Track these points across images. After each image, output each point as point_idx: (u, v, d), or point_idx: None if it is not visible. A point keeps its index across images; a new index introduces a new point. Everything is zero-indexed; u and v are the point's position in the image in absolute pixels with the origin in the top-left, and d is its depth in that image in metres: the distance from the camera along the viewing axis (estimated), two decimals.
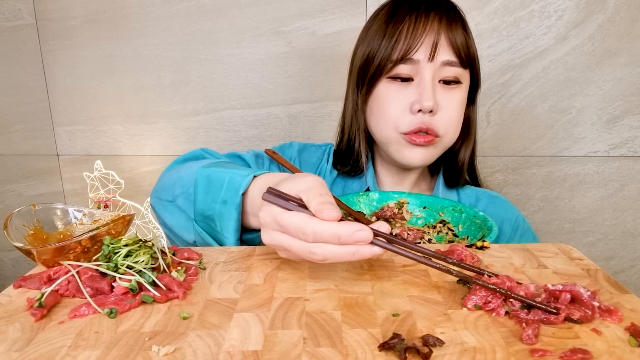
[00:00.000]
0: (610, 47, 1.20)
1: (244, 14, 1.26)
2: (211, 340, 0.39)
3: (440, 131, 0.79)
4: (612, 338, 0.39)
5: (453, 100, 0.79)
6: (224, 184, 0.61)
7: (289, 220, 0.46)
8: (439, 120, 0.78)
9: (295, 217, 0.46)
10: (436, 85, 0.77)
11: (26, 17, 1.31)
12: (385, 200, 0.83)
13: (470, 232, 0.74)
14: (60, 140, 1.40)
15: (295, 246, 0.47)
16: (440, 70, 0.77)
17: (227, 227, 0.61)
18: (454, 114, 0.79)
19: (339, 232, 0.44)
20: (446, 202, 0.80)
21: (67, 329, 0.41)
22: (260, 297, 0.46)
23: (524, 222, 0.87)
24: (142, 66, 1.32)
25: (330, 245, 0.44)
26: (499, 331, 0.40)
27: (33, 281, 0.49)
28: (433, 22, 0.75)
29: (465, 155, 0.87)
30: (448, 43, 0.76)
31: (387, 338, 0.38)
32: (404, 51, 0.75)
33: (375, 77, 0.79)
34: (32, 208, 0.59)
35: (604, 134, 1.26)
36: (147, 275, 0.47)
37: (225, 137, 1.35)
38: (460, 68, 0.77)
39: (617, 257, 1.36)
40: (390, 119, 0.79)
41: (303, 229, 0.45)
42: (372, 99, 0.82)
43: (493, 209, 0.87)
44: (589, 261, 0.55)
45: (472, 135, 0.87)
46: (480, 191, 0.91)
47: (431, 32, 0.75)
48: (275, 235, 0.49)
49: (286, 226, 0.47)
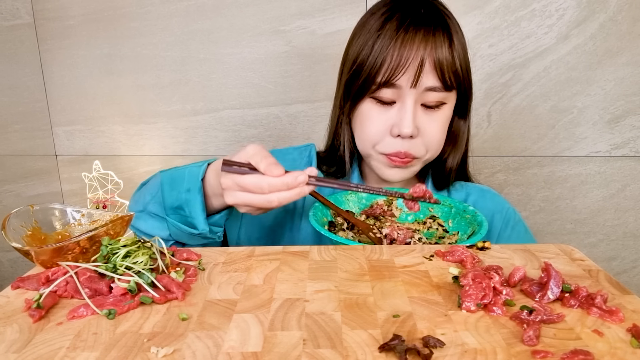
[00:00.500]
0: (612, 47, 1.20)
1: (243, 13, 1.26)
2: (210, 342, 0.39)
3: (419, 154, 0.79)
4: (613, 339, 0.39)
5: (435, 122, 0.78)
6: (185, 177, 0.72)
7: (248, 181, 0.62)
8: (418, 144, 0.78)
9: (253, 178, 0.62)
10: (418, 109, 0.77)
11: (24, 16, 1.31)
12: (374, 197, 0.83)
13: (460, 227, 0.74)
14: (59, 140, 1.40)
15: (255, 199, 0.62)
16: (423, 95, 0.76)
17: (195, 209, 0.70)
18: (435, 136, 0.79)
19: (287, 181, 0.61)
20: (436, 197, 0.80)
21: (65, 330, 0.41)
22: (259, 298, 0.46)
23: (515, 214, 0.87)
24: (141, 66, 1.32)
25: (282, 192, 0.61)
26: (500, 332, 0.40)
27: (31, 282, 0.49)
28: (420, 45, 0.73)
29: (453, 163, 0.86)
30: (432, 67, 0.73)
31: (388, 339, 0.38)
32: (387, 76, 0.74)
33: (360, 94, 0.79)
34: (30, 208, 0.59)
35: (605, 134, 1.26)
36: (146, 276, 0.47)
37: (224, 137, 1.35)
38: (444, 92, 0.76)
39: (619, 258, 1.36)
40: (370, 139, 0.80)
41: (260, 184, 0.61)
42: (356, 114, 0.82)
43: (483, 203, 0.87)
44: (591, 262, 0.55)
45: (461, 146, 0.86)
46: (470, 186, 0.90)
47: (416, 58, 0.73)
48: (238, 195, 0.63)
49: (246, 186, 0.62)
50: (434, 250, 0.58)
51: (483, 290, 0.45)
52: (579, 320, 0.42)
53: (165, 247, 0.54)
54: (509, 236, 0.83)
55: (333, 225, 0.77)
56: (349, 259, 0.55)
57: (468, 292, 0.45)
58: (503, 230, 0.84)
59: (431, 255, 0.56)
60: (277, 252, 0.57)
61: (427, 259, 0.55)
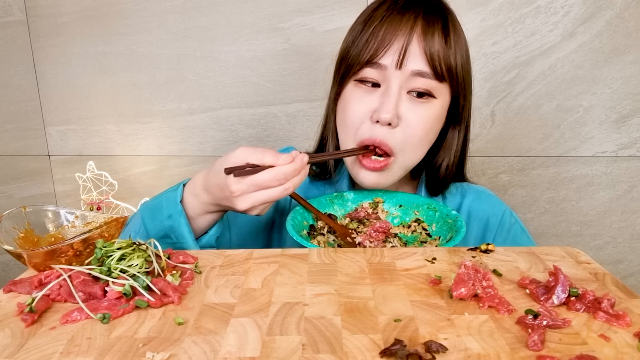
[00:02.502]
0: (619, 44, 1.20)
1: (240, 10, 1.26)
2: (207, 347, 0.39)
3: (395, 148, 0.74)
4: (620, 344, 0.39)
5: (419, 115, 0.74)
6: (163, 204, 0.71)
7: (265, 177, 0.62)
8: (397, 135, 0.74)
9: (268, 173, 0.62)
10: (403, 96, 0.73)
11: (16, 13, 1.31)
12: (360, 200, 0.83)
13: (442, 231, 0.73)
14: (52, 140, 1.40)
15: (274, 193, 0.63)
16: (410, 80, 0.72)
17: (182, 233, 0.69)
18: (417, 131, 0.74)
19: (296, 166, 0.63)
20: (421, 199, 0.80)
21: (58, 334, 0.41)
22: (257, 302, 0.46)
23: (512, 216, 0.85)
24: (136, 64, 1.32)
25: (295, 177, 0.63)
26: (504, 337, 0.40)
27: (23, 285, 0.49)
28: (406, 24, 0.71)
29: (446, 169, 0.83)
30: (421, 51, 0.71)
31: (389, 344, 0.38)
32: (370, 54, 0.72)
33: (345, 77, 0.77)
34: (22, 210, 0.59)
35: (612, 134, 1.27)
36: (141, 279, 0.47)
37: (221, 137, 1.35)
38: (434, 80, 0.72)
39: (626, 261, 1.36)
40: (349, 124, 0.76)
41: (277, 176, 0.62)
42: (340, 99, 0.79)
43: (478, 205, 0.85)
44: (597, 265, 0.55)
45: (453, 154, 0.83)
46: (465, 187, 0.88)
47: (401, 36, 0.71)
48: (255, 196, 0.63)
49: (264, 182, 0.62)
50: (435, 253, 0.58)
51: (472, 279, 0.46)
52: (585, 325, 0.42)
53: (161, 249, 0.54)
54: (504, 239, 0.83)
55: (314, 228, 0.77)
56: (349, 262, 0.55)
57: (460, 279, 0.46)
58: (499, 234, 0.83)
59: (433, 258, 0.56)
60: (275, 254, 0.58)
61: (429, 262, 0.55)
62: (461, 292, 0.46)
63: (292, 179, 0.63)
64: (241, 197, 0.63)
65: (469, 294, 0.46)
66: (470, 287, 0.46)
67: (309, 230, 0.76)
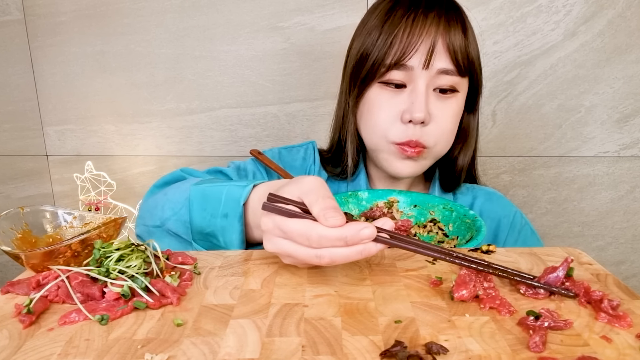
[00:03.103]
0: (621, 44, 1.20)
1: (240, 9, 1.26)
2: (206, 348, 0.39)
3: (429, 143, 0.77)
4: (622, 346, 0.39)
5: (447, 110, 0.77)
6: (222, 197, 0.61)
7: (293, 227, 0.48)
8: (430, 131, 0.77)
9: (299, 224, 0.47)
10: (430, 94, 0.76)
11: (14, 12, 1.31)
12: (374, 199, 0.83)
13: (460, 231, 0.74)
14: (50, 140, 1.40)
15: (300, 252, 0.48)
16: (436, 79, 0.75)
17: (231, 240, 0.61)
18: (447, 125, 0.78)
19: (345, 235, 0.45)
20: (437, 200, 0.81)
21: (56, 336, 0.41)
22: (257, 303, 0.46)
23: (522, 218, 0.87)
24: (135, 63, 1.32)
25: (337, 248, 0.46)
26: (505, 338, 0.40)
27: (21, 286, 0.49)
28: (431, 25, 0.73)
29: (464, 161, 0.85)
30: (445, 49, 0.73)
31: (389, 345, 0.38)
32: (397, 57, 0.73)
33: (368, 80, 0.78)
34: (20, 210, 0.59)
35: (614, 134, 1.27)
36: (140, 280, 0.47)
37: (220, 136, 1.35)
38: (458, 76, 0.75)
39: (628, 262, 1.36)
40: (379, 126, 0.78)
41: (308, 235, 0.47)
42: (363, 102, 0.80)
43: (490, 206, 0.87)
44: (599, 266, 0.55)
45: (471, 143, 0.86)
46: (477, 188, 0.90)
47: (427, 37, 0.72)
48: (279, 242, 0.50)
49: (290, 233, 0.48)
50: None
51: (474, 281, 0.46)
52: (587, 326, 0.42)
53: (160, 250, 0.54)
54: (515, 240, 0.84)
55: None
56: (349, 263, 0.55)
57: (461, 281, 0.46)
58: (510, 235, 0.84)
59: (434, 259, 0.56)
60: (275, 256, 0.57)
61: (430, 262, 0.55)
62: (462, 294, 0.46)
63: (330, 248, 0.47)
64: (266, 236, 0.52)
65: (470, 296, 0.46)
66: (472, 288, 0.46)
67: None
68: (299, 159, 0.90)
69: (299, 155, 0.91)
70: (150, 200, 0.73)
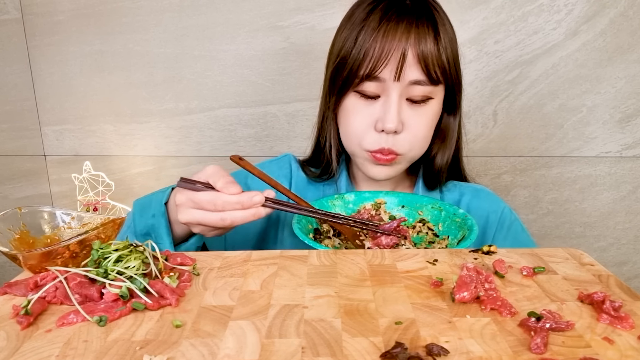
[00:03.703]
0: (623, 43, 1.20)
1: (239, 8, 1.26)
2: (205, 350, 0.39)
3: (402, 150, 0.79)
4: (624, 347, 0.39)
5: (421, 118, 0.78)
6: (152, 202, 0.73)
7: (202, 197, 0.63)
8: (403, 139, 0.78)
9: (207, 194, 0.63)
10: (403, 103, 0.77)
11: (12, 11, 1.31)
12: (361, 201, 0.83)
13: (451, 231, 0.74)
14: (48, 140, 1.40)
15: (208, 217, 0.63)
16: (408, 89, 0.76)
17: (161, 234, 0.70)
18: (420, 132, 0.79)
19: (242, 200, 0.62)
20: (425, 199, 0.81)
21: (54, 337, 0.41)
22: (256, 304, 0.46)
23: (511, 213, 0.87)
24: (133, 63, 1.32)
25: (236, 211, 0.62)
26: (506, 340, 0.40)
27: (19, 287, 0.49)
28: (402, 36, 0.73)
29: (443, 161, 0.86)
30: (416, 60, 0.74)
31: (390, 347, 0.38)
32: (369, 69, 0.75)
33: (344, 89, 0.79)
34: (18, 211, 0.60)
35: (616, 134, 1.27)
36: (139, 281, 0.47)
37: (220, 136, 1.35)
38: (430, 86, 0.76)
39: (630, 263, 1.36)
40: (354, 134, 0.80)
41: (214, 201, 0.62)
42: (340, 109, 0.83)
43: (477, 203, 0.87)
44: (601, 267, 0.55)
45: (451, 143, 0.86)
46: (464, 185, 0.90)
47: (398, 49, 0.73)
48: (191, 212, 0.64)
49: (200, 202, 0.63)
50: (436, 255, 0.58)
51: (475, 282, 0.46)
52: (589, 328, 0.42)
53: (159, 251, 0.54)
54: (504, 237, 0.83)
55: (319, 232, 0.77)
56: (349, 264, 0.55)
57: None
58: (498, 231, 0.84)
59: (435, 260, 0.56)
60: (274, 256, 0.58)
61: (431, 263, 0.55)
62: (464, 295, 0.46)
63: (231, 211, 0.62)
64: (181, 209, 0.65)
65: (472, 297, 0.46)
66: (473, 290, 0.46)
67: (313, 234, 0.76)
68: (275, 170, 0.91)
69: (276, 166, 0.92)
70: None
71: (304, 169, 0.92)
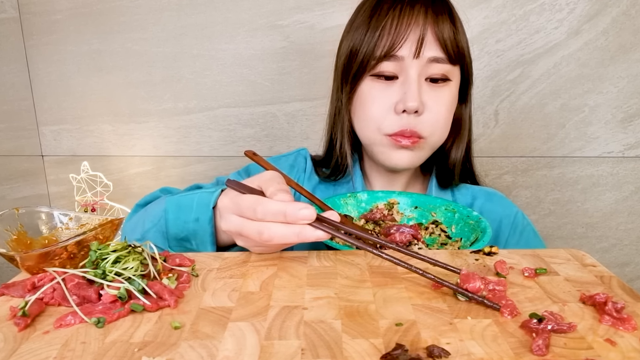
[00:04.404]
0: (626, 42, 1.20)
1: (238, 7, 1.26)
2: (204, 351, 0.39)
3: (425, 133, 0.78)
4: (627, 349, 0.39)
5: (441, 99, 0.78)
6: (194, 204, 0.65)
7: (244, 199, 0.54)
8: (424, 121, 0.77)
9: (250, 197, 0.54)
10: (422, 83, 0.77)
11: (9, 10, 1.31)
12: (374, 201, 0.83)
13: (464, 233, 0.74)
14: (45, 140, 1.40)
15: (246, 226, 0.53)
16: (427, 68, 0.76)
17: (204, 241, 0.65)
18: (442, 114, 0.78)
19: (285, 209, 0.50)
20: (438, 201, 0.80)
21: (52, 339, 0.41)
22: (256, 305, 0.46)
23: (524, 218, 0.87)
24: (132, 62, 1.32)
25: (277, 225, 0.51)
26: (507, 342, 0.40)
27: (16, 289, 0.49)
28: (418, 15, 0.74)
29: (457, 155, 0.86)
30: (435, 38, 0.74)
31: (390, 349, 0.38)
32: (387, 47, 0.74)
33: (359, 75, 0.79)
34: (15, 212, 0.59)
35: (618, 134, 1.27)
36: (137, 282, 0.47)
37: (219, 136, 1.35)
38: (449, 64, 0.76)
39: (633, 264, 1.36)
40: (373, 119, 0.79)
41: (255, 207, 0.52)
42: (355, 97, 0.81)
43: (490, 207, 0.87)
44: (603, 268, 0.55)
45: (464, 135, 0.87)
46: (477, 189, 0.90)
47: (416, 27, 0.74)
48: (231, 218, 0.56)
49: (240, 205, 0.54)
50: (437, 256, 0.58)
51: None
52: (591, 329, 0.42)
53: (157, 252, 0.54)
54: (517, 241, 0.83)
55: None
56: (349, 265, 0.55)
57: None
58: (511, 236, 0.84)
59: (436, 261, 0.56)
60: (274, 257, 0.58)
61: (432, 264, 0.55)
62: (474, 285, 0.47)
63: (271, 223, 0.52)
64: (224, 214, 0.58)
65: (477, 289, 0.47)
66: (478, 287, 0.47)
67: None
68: (286, 167, 0.90)
69: (287, 164, 0.92)
70: (133, 218, 0.77)
71: (315, 169, 0.91)
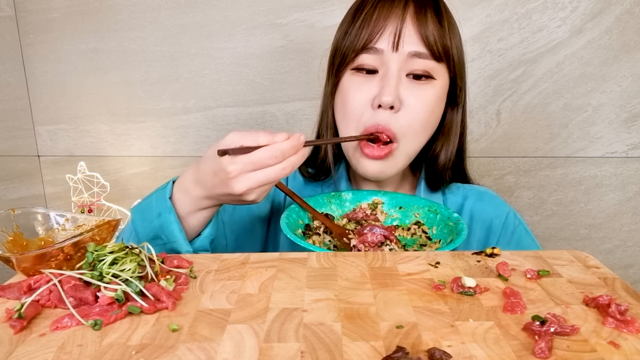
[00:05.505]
0: (629, 41, 1.20)
1: (237, 5, 1.26)
2: (202, 354, 0.39)
3: (398, 133, 0.75)
4: (630, 351, 0.39)
5: (421, 97, 0.75)
6: (152, 202, 0.69)
7: (261, 155, 0.61)
8: (400, 119, 0.75)
9: (265, 150, 0.61)
10: (402, 78, 0.75)
11: (5, 8, 1.31)
12: (359, 200, 0.83)
13: (443, 235, 0.74)
14: (41, 140, 1.40)
15: (272, 173, 0.61)
16: (408, 63, 0.74)
17: (172, 232, 0.67)
18: (420, 113, 0.76)
19: (293, 143, 0.61)
20: (422, 201, 0.80)
21: (48, 341, 0.41)
22: (254, 307, 0.46)
23: (515, 217, 0.85)
24: (129, 61, 1.32)
25: (293, 156, 0.62)
26: (509, 344, 0.40)
27: (12, 291, 0.49)
28: (397, 8, 0.73)
29: (446, 158, 0.84)
30: (416, 32, 0.73)
31: (391, 351, 0.38)
32: (365, 39, 0.74)
33: (341, 68, 0.79)
34: (11, 212, 0.59)
35: (622, 134, 1.27)
36: (134, 284, 0.47)
37: (217, 136, 1.35)
38: (432, 61, 0.74)
39: (637, 265, 1.36)
40: (351, 113, 0.78)
41: (274, 154, 0.60)
42: (337, 92, 0.81)
43: (481, 207, 0.86)
44: (606, 269, 0.55)
45: (453, 140, 0.84)
46: (468, 188, 0.89)
47: (394, 19, 0.73)
48: (252, 176, 0.61)
49: (260, 160, 0.61)
50: (439, 257, 0.58)
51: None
52: (594, 332, 0.42)
53: (155, 253, 0.54)
54: (508, 241, 0.83)
55: (309, 228, 0.77)
56: (349, 266, 0.55)
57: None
58: (502, 236, 0.84)
59: (437, 262, 0.56)
60: (273, 259, 0.58)
61: (433, 266, 0.55)
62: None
63: (289, 157, 0.62)
64: (238, 178, 0.61)
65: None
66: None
67: (304, 229, 0.76)
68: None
69: None
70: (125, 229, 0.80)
71: (299, 168, 0.90)
